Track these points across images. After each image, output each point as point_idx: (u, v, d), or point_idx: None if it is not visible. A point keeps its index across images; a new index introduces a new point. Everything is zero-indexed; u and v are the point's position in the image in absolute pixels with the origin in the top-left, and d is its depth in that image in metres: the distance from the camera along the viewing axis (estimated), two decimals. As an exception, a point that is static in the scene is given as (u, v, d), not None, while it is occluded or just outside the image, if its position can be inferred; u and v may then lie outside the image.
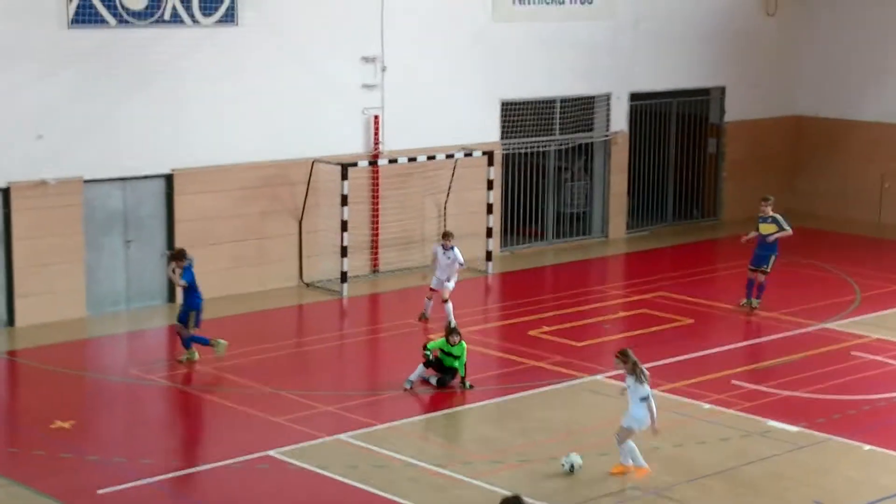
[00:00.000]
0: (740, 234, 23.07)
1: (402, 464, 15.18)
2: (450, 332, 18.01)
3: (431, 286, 21.14)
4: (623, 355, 14.87)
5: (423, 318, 21.21)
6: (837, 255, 26.46)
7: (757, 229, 22.26)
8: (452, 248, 21.00)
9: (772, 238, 22.01)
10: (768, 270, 22.05)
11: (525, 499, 10.42)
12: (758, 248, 22.19)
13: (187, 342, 19.10)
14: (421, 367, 17.99)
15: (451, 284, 20.98)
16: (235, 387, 17.91)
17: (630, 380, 14.76)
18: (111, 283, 21.83)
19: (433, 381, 17.90)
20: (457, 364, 17.95)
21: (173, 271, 19.37)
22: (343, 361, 19.96)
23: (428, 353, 17.93)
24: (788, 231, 22.05)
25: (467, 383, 17.89)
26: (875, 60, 30.26)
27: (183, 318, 19.11)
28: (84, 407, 17.42)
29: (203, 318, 19.66)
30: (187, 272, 19.06)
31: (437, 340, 18.13)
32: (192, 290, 19.11)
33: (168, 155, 22.10)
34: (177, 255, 19.30)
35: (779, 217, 22.09)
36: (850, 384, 18.20)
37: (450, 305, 20.80)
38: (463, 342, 17.94)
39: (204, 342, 19.17)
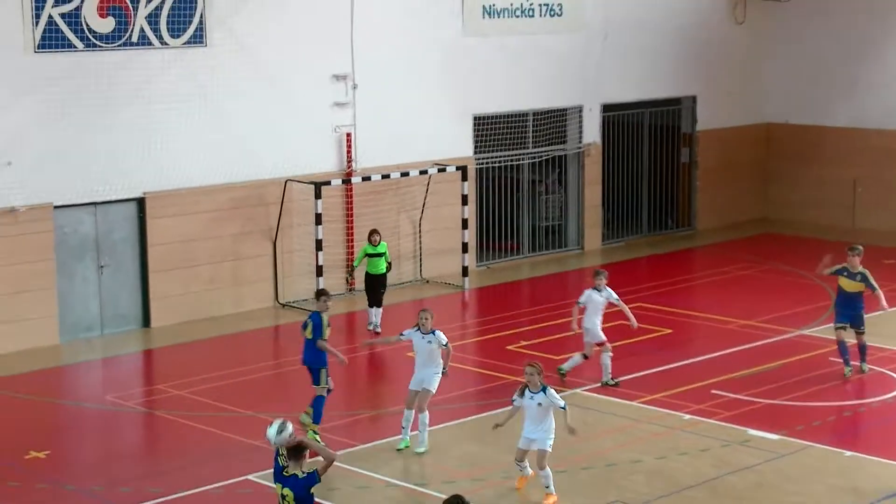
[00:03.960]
0: (715, 244, 22.81)
1: (383, 484, 15.07)
2: (371, 233, 21.61)
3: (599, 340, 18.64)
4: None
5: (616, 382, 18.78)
6: (812, 262, 26.40)
7: (837, 280, 19.04)
8: (607, 287, 18.74)
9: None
10: (864, 330, 18.87)
11: (466, 498, 10.11)
12: (842, 305, 18.90)
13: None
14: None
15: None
16: (214, 410, 17.77)
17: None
18: (84, 310, 21.65)
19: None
20: (383, 263, 21.48)
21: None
22: (321, 382, 19.83)
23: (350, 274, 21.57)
24: (878, 292, 18.72)
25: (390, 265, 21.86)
26: (843, 66, 30.40)
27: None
28: (59, 436, 17.24)
29: (180, 342, 19.25)
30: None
31: (358, 254, 21.80)
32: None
33: (139, 178, 21.97)
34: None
35: (868, 274, 18.80)
36: (829, 390, 18.21)
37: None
38: (383, 241, 21.61)
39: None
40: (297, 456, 11.31)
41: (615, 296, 18.87)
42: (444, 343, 16.08)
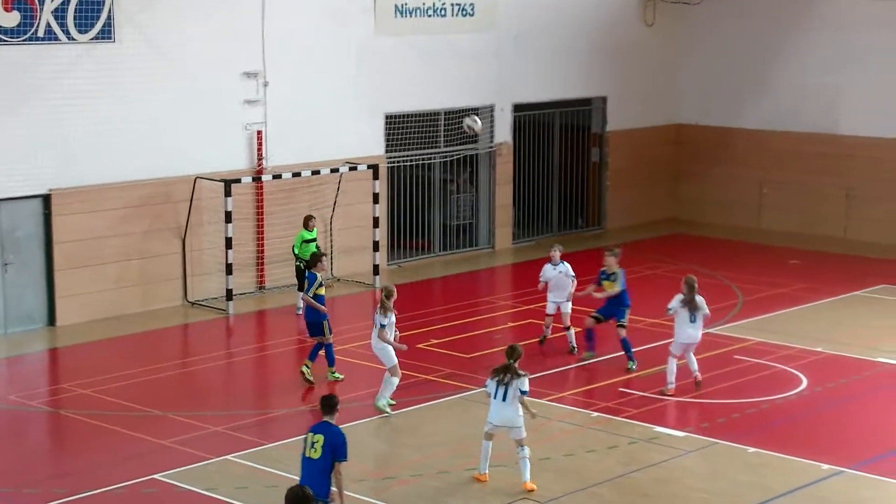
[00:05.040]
0: (624, 243, 23.07)
1: (293, 483, 14.98)
2: (307, 218, 22.13)
3: (548, 312, 20.55)
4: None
5: (542, 341, 20.63)
6: (720, 261, 26.91)
7: (599, 284, 19.80)
8: (562, 261, 20.38)
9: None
10: (625, 323, 19.51)
11: (308, 489, 10.74)
12: (608, 301, 19.70)
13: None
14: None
15: (568, 307, 20.30)
16: (121, 409, 17.57)
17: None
18: (-12, 308, 21.29)
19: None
20: (313, 246, 21.72)
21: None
22: (231, 380, 19.71)
23: (299, 263, 21.58)
24: (615, 290, 19.49)
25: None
26: (752, 70, 30.89)
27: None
28: (-38, 436, 16.93)
29: (87, 341, 18.97)
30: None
31: (296, 239, 22.20)
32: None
33: (45, 175, 21.63)
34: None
35: (620, 274, 19.58)
36: (734, 388, 18.49)
37: (572, 331, 20.24)
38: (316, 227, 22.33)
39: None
40: (329, 410, 12.40)
41: (571, 272, 20.26)
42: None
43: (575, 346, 20.18)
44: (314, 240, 22.37)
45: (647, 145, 31.59)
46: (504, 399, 14.68)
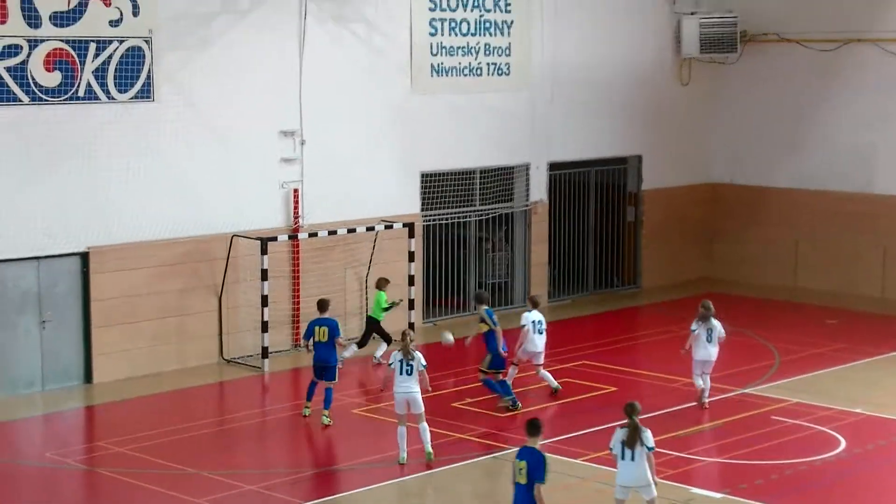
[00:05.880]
0: (660, 302, 23.06)
1: (326, 543, 14.96)
2: (380, 283, 23.12)
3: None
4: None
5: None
6: (756, 321, 26.74)
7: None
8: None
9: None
10: (484, 368, 20.95)
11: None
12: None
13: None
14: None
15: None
16: (155, 468, 17.58)
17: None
18: (26, 365, 21.38)
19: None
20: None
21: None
22: (266, 438, 19.69)
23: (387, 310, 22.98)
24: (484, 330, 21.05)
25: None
26: (786, 129, 30.87)
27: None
28: (-2, 493, 16.98)
29: (123, 399, 19.01)
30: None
31: (379, 301, 23.14)
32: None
33: (84, 232, 21.82)
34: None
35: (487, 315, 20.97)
36: (772, 449, 18.32)
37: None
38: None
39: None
40: (535, 432, 13.27)
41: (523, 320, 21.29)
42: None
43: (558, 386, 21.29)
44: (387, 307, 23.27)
45: (682, 204, 31.56)
46: (633, 458, 14.44)
